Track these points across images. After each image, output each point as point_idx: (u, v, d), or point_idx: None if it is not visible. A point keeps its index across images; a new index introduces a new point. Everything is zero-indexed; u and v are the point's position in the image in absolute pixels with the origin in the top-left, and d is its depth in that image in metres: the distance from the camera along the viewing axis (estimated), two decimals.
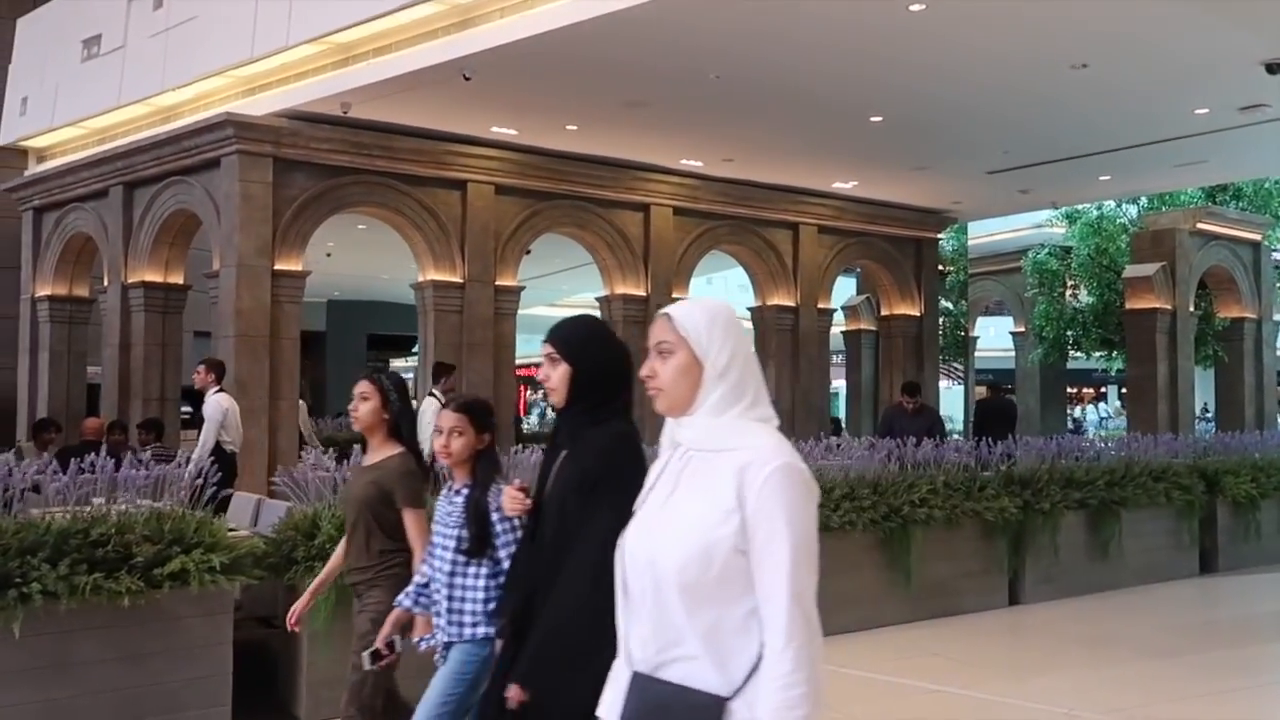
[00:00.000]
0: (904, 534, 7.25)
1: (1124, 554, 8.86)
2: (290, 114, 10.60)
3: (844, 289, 20.37)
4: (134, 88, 12.09)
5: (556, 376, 2.90)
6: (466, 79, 9.27)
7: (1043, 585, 8.24)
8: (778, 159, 12.66)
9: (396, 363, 38.19)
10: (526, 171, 12.10)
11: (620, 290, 13.13)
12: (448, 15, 8.98)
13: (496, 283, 11.99)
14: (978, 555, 7.87)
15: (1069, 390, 37.54)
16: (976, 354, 21.37)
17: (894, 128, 11.11)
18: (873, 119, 10.79)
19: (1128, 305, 14.87)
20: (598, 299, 13.41)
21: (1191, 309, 14.98)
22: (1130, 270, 14.96)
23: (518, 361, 12.94)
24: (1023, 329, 19.02)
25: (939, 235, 16.14)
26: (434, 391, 9.96)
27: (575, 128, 11.17)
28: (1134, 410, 14.79)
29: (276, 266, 10.67)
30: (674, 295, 13.35)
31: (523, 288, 12.30)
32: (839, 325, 18.83)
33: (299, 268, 10.89)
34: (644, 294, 13.16)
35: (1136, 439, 9.89)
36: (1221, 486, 9.80)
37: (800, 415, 14.37)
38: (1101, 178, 13.58)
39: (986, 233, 21.47)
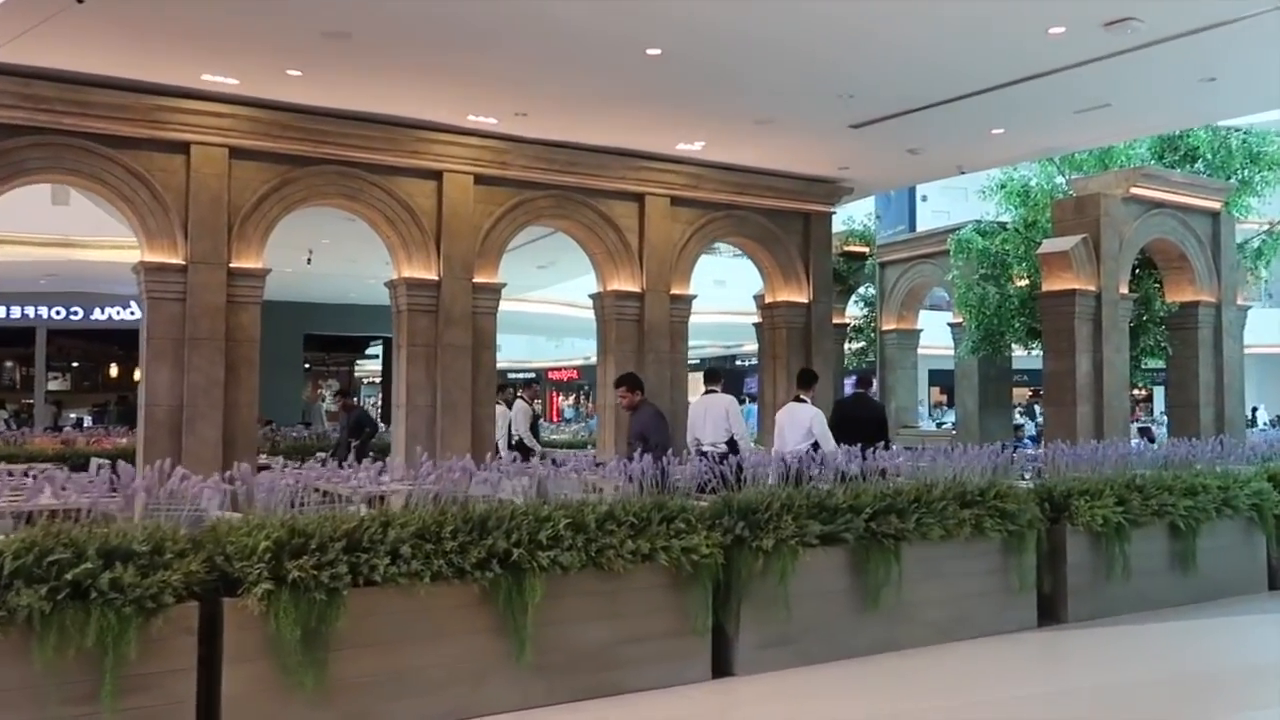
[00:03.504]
0: (514, 587, 5.39)
1: (911, 604, 6.91)
2: None
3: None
4: None
5: None
6: (79, 1, 7.58)
7: (769, 650, 6.31)
8: (584, 113, 10.81)
9: (364, 365, 36.92)
10: (272, 132, 10.38)
11: (407, 273, 11.35)
12: None
13: (231, 265, 10.28)
14: (662, 611, 5.96)
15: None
16: (921, 350, 19.28)
17: (681, 64, 9.22)
18: (649, 51, 8.91)
19: (1044, 287, 12.76)
20: (385, 284, 11.64)
21: (1124, 290, 12.82)
22: (1047, 245, 12.84)
23: None
24: (961, 320, 16.86)
25: (830, 209, 14.12)
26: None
27: (299, 73, 9.43)
28: (1051, 413, 12.68)
29: None
30: (475, 279, 11.57)
31: (268, 270, 10.55)
32: (750, 316, 16.91)
33: None
34: (435, 277, 11.36)
35: (952, 451, 7.87)
36: (1071, 512, 7.80)
37: None
38: (994, 131, 11.54)
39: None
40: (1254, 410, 31.92)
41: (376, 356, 32.80)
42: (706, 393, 9.65)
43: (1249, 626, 8.11)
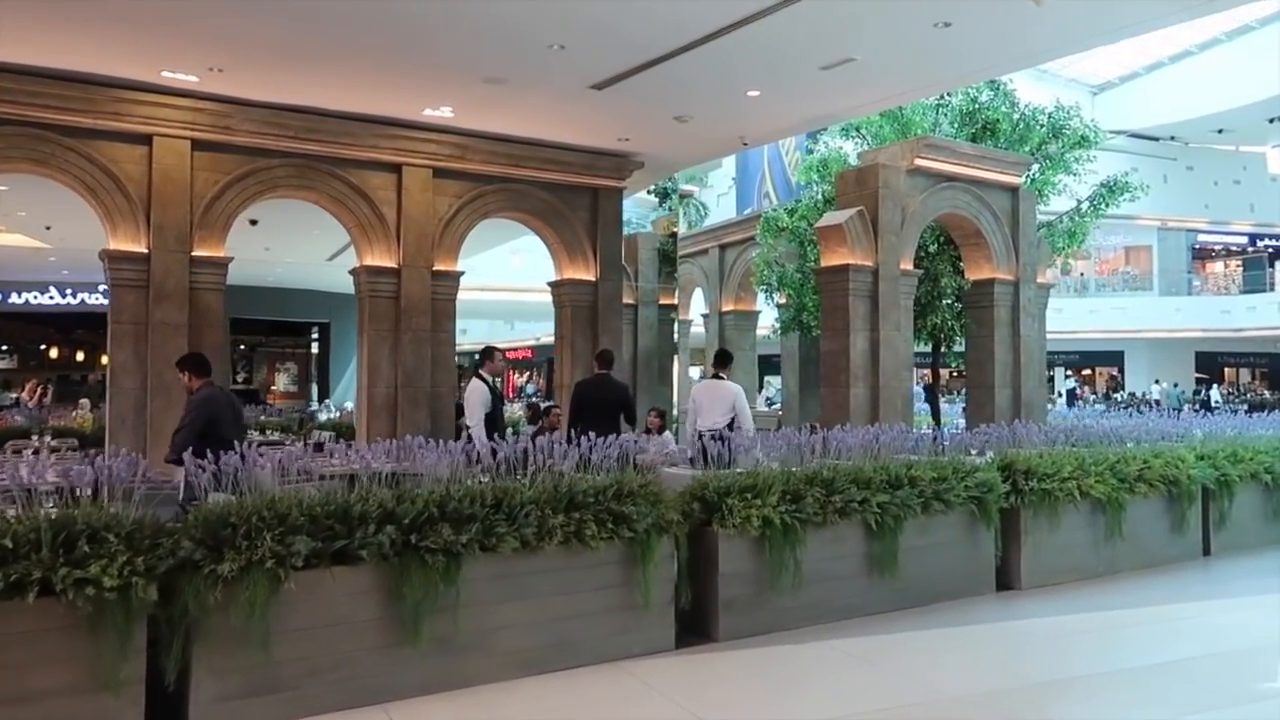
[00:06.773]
0: None
1: (483, 631, 5.03)
2: None
3: None
4: None
5: None
6: None
7: (246, 702, 4.38)
8: (290, 70, 8.79)
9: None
10: None
11: (115, 245, 9.35)
12: None
13: None
14: (62, 661, 4.03)
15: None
16: (760, 330, 17.40)
17: (350, 4, 7.24)
18: None
19: (821, 262, 10.86)
20: (100, 254, 9.61)
21: (906, 266, 10.92)
22: (824, 218, 10.94)
23: None
24: (784, 300, 15.00)
25: (621, 184, 12.15)
26: None
27: None
28: (826, 394, 10.82)
29: None
30: (195, 253, 9.57)
31: None
32: None
33: None
34: (144, 250, 9.37)
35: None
36: (723, 513, 5.94)
37: (405, 403, 10.53)
38: (750, 94, 9.61)
39: None
40: (1208, 390, 29.57)
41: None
42: (714, 377, 8.83)
43: (956, 638, 6.22)
